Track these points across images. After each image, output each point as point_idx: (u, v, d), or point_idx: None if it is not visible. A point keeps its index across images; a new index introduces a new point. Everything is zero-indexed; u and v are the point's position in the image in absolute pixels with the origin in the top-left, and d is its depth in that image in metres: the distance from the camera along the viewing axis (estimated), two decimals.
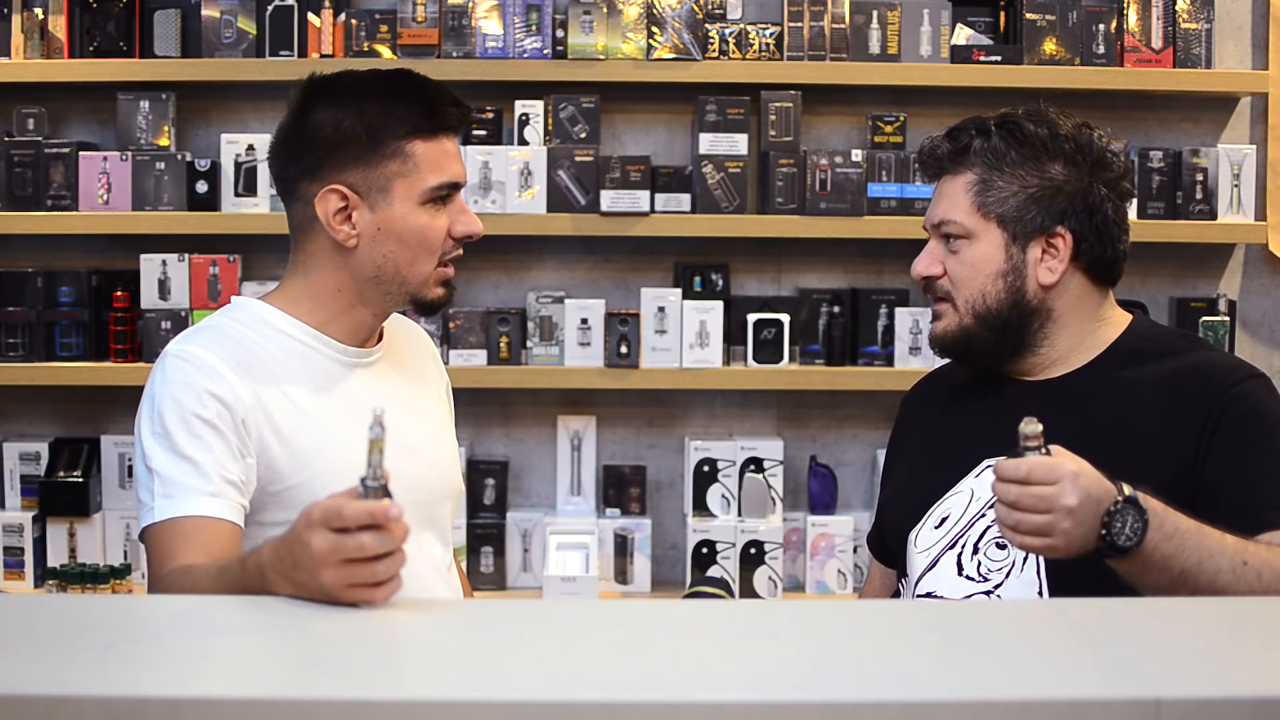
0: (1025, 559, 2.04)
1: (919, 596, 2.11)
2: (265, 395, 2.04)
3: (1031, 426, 1.77)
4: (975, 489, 2.10)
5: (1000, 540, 2.06)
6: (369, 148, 2.05)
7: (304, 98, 2.10)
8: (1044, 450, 1.79)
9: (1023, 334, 2.12)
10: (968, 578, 2.06)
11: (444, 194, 2.09)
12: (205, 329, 2.10)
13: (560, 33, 3.48)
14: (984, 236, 2.10)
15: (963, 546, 2.08)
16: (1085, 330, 2.13)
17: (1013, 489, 1.79)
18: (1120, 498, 1.80)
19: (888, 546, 2.29)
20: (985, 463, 2.11)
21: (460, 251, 2.13)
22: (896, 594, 2.26)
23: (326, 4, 3.46)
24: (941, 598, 2.08)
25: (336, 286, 2.10)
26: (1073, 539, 1.79)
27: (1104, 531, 1.79)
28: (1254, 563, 1.86)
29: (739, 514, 3.53)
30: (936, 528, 2.12)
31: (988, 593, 2.05)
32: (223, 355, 2.03)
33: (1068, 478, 1.78)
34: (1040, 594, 2.02)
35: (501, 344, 3.49)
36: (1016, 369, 2.16)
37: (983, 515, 2.08)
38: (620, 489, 3.59)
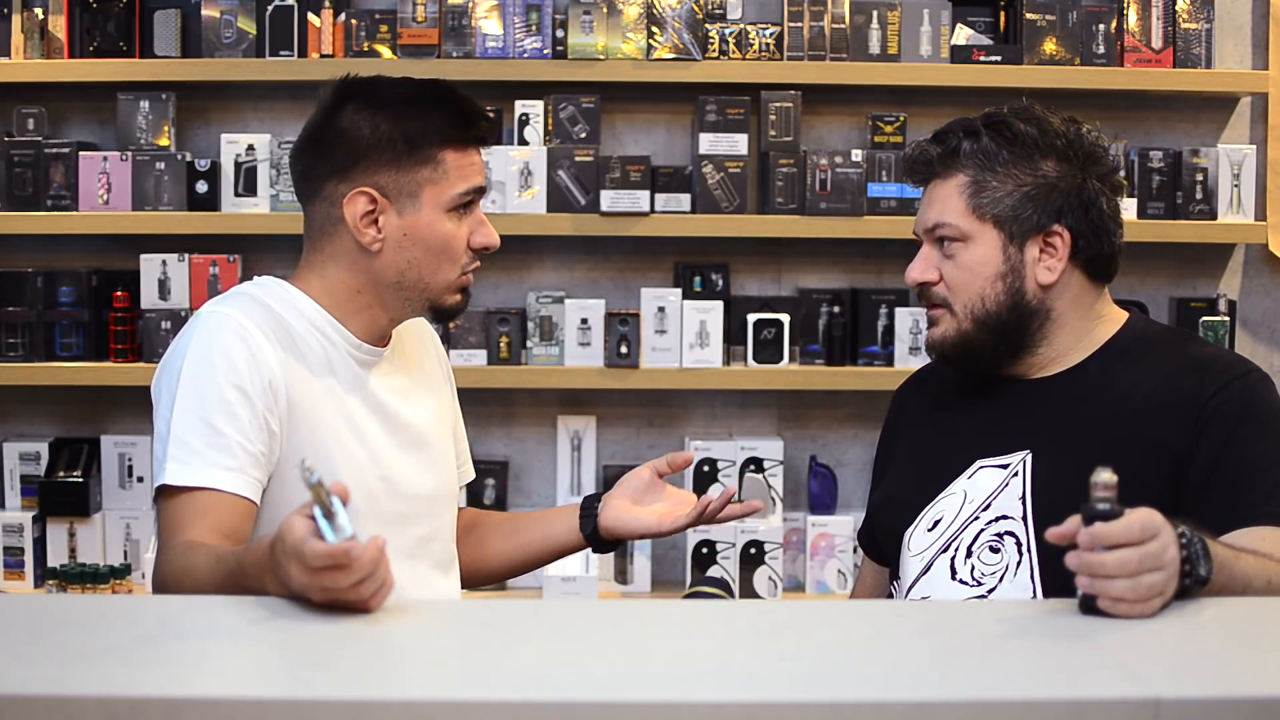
0: (1019, 562, 2.03)
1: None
2: (291, 368, 2.04)
3: (1106, 475, 1.61)
4: (968, 491, 2.10)
5: (994, 544, 2.05)
6: (404, 153, 2.05)
7: (338, 98, 2.09)
8: (1116, 503, 1.62)
9: (1022, 335, 2.10)
10: (961, 582, 2.05)
11: (469, 200, 2.10)
12: (240, 295, 2.10)
13: (560, 33, 3.48)
14: (980, 238, 2.08)
15: (956, 550, 2.07)
16: (1083, 328, 2.12)
17: (1132, 556, 1.59)
18: (1180, 529, 1.67)
19: (879, 545, 2.28)
20: (978, 463, 2.10)
21: (479, 264, 2.14)
22: (890, 593, 2.25)
23: (326, 4, 3.46)
24: None
25: (355, 288, 2.10)
26: (1170, 591, 1.63)
27: (1187, 568, 1.66)
28: (1276, 580, 1.82)
29: None
30: (929, 530, 2.11)
31: (981, 597, 2.04)
32: (259, 321, 2.04)
33: (1163, 528, 1.62)
34: (1035, 598, 2.01)
35: (501, 344, 3.49)
36: (1012, 368, 2.15)
37: (976, 518, 2.07)
38: None
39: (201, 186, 3.44)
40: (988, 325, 2.09)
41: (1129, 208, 3.50)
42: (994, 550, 2.04)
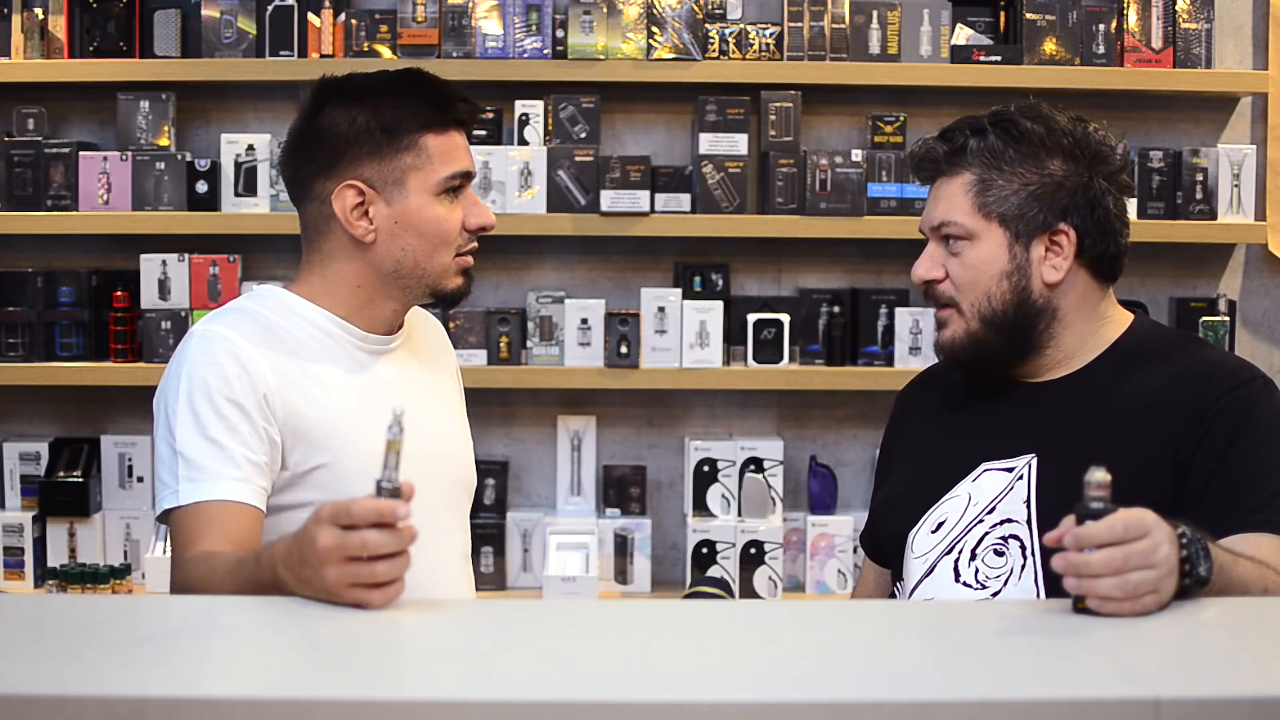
0: (1024, 566, 2.03)
1: None
2: (291, 377, 2.06)
3: (1099, 474, 1.61)
4: (972, 494, 2.09)
5: (998, 547, 2.05)
6: (383, 142, 2.08)
7: (316, 99, 2.13)
8: (1110, 501, 1.62)
9: (1029, 335, 2.10)
10: (965, 585, 2.05)
11: (456, 184, 2.12)
12: (231, 311, 2.13)
13: (560, 33, 3.48)
14: (986, 237, 2.08)
15: (959, 552, 2.06)
16: (1089, 329, 2.12)
17: (1118, 554, 1.60)
18: (1180, 529, 1.67)
19: (881, 546, 2.28)
20: (983, 466, 2.10)
21: (476, 244, 2.16)
22: (891, 594, 2.24)
23: (326, 4, 3.46)
24: None
25: (356, 282, 2.13)
26: (1166, 590, 1.63)
27: (1187, 568, 1.66)
28: (1272, 587, 1.84)
29: (739, 514, 3.53)
30: (933, 532, 2.11)
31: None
32: (250, 335, 2.06)
33: (1155, 527, 1.62)
34: None
35: (501, 344, 3.49)
36: (1018, 371, 2.14)
37: (980, 521, 2.06)
38: (620, 489, 3.60)
39: (201, 186, 3.44)
40: (995, 324, 2.09)
41: (1128, 208, 3.50)
42: (998, 554, 2.04)
